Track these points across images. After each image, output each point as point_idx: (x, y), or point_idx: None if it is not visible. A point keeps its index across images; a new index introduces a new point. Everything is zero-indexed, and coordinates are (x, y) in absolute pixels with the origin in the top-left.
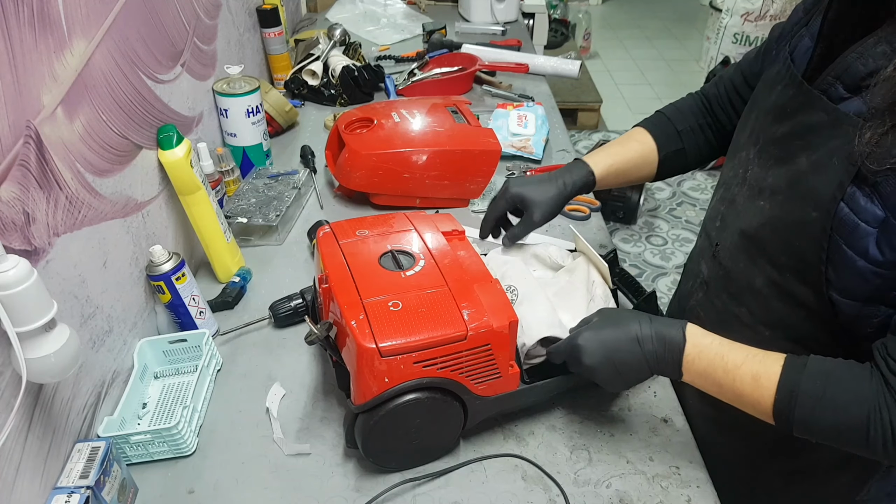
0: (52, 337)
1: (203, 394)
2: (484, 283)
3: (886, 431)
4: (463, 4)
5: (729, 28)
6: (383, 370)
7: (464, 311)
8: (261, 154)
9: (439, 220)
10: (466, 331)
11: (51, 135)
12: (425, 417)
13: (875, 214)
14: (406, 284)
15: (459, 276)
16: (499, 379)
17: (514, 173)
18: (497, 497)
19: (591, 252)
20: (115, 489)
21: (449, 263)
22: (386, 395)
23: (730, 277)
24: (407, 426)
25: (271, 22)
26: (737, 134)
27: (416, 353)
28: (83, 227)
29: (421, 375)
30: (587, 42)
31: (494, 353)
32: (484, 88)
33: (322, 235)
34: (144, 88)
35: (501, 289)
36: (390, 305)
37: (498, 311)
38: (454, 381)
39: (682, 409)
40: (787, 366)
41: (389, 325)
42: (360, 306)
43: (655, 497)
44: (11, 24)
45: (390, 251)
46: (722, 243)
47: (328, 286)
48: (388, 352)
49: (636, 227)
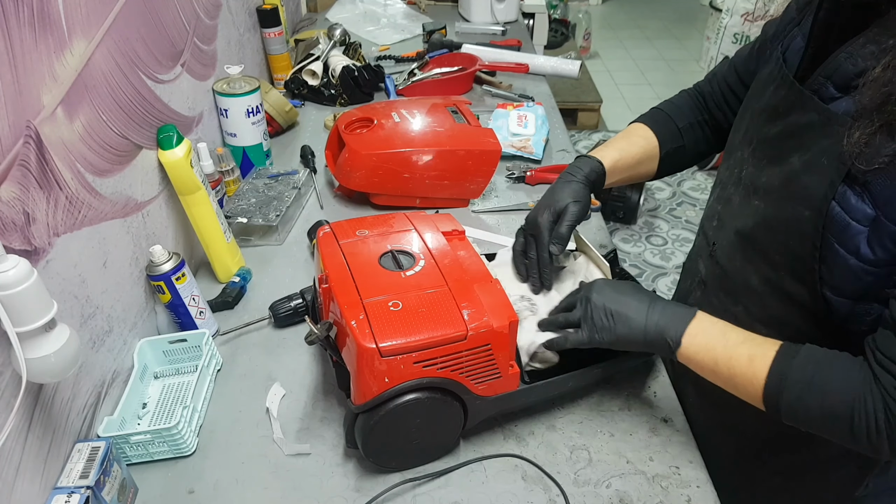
0: (52, 337)
1: (203, 394)
2: (484, 283)
3: (871, 421)
4: (463, 4)
5: (729, 28)
6: (383, 370)
7: (464, 311)
8: (261, 154)
9: (439, 220)
10: (467, 331)
11: (51, 135)
12: (425, 417)
13: (866, 213)
14: (406, 284)
15: (459, 276)
16: (499, 379)
17: (513, 173)
18: (497, 497)
19: (592, 251)
20: (115, 489)
21: (449, 263)
22: (386, 395)
23: (726, 276)
24: (407, 426)
25: (271, 22)
26: (732, 134)
27: (416, 353)
28: (83, 227)
29: (421, 375)
30: (587, 42)
31: (494, 353)
32: (484, 88)
33: (322, 235)
34: (144, 88)
35: (501, 289)
36: (390, 305)
37: (498, 311)
38: (454, 381)
39: (682, 408)
40: (781, 351)
41: (389, 325)
42: (361, 306)
43: (655, 497)
44: (11, 24)
45: (390, 251)
46: (718, 242)
47: (328, 286)
48: (388, 352)
49: (636, 227)
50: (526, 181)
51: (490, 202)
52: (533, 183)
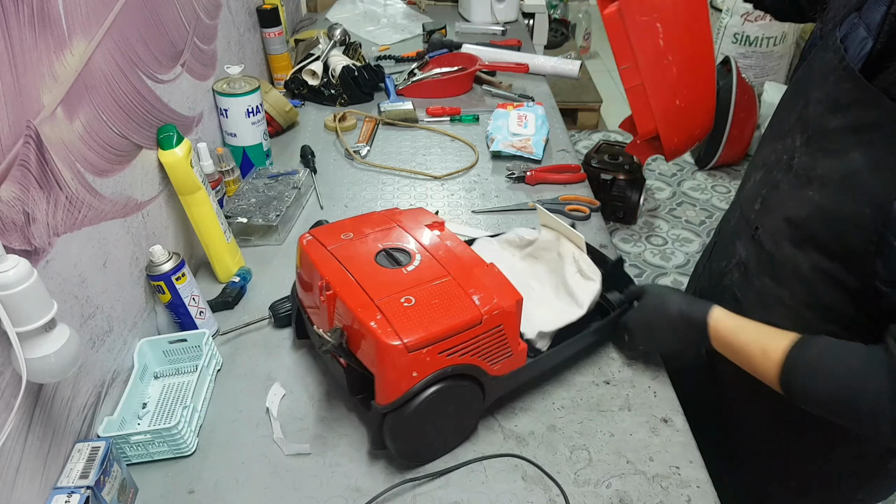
0: (52, 337)
1: (203, 394)
2: (482, 268)
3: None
4: (463, 4)
5: (729, 28)
6: (410, 365)
7: (474, 297)
8: (261, 154)
9: (416, 214)
10: (481, 315)
11: (51, 135)
12: (449, 405)
13: None
14: (410, 280)
15: (458, 265)
16: (510, 357)
17: (513, 173)
18: (497, 497)
19: (560, 225)
20: (115, 489)
21: (444, 254)
22: (414, 389)
23: (774, 261)
24: (434, 417)
25: (271, 22)
26: (779, 117)
27: (438, 343)
28: (83, 227)
29: (445, 365)
30: (587, 42)
31: (506, 332)
32: (484, 88)
33: (306, 244)
34: (144, 88)
35: (499, 271)
36: (403, 301)
37: (503, 292)
38: (473, 366)
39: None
40: (796, 340)
41: (408, 321)
42: (374, 307)
43: (655, 497)
44: (11, 24)
45: (384, 250)
46: (763, 227)
47: (332, 293)
48: (413, 346)
49: (636, 227)
50: (526, 181)
51: (490, 202)
52: (533, 183)
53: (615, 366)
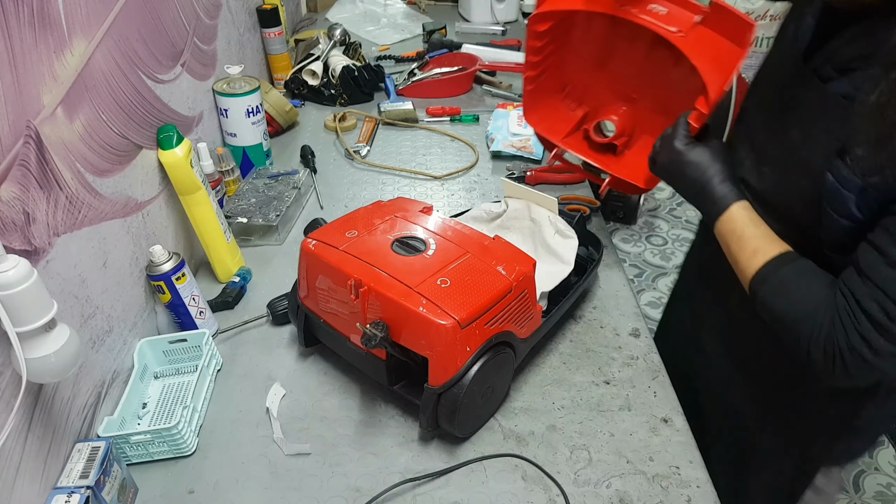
0: (52, 337)
1: (203, 394)
2: (491, 241)
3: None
4: (463, 4)
5: None
6: (464, 340)
7: (498, 268)
8: (261, 154)
9: (407, 204)
10: (511, 283)
11: (51, 135)
12: (493, 373)
13: (855, 183)
14: (435, 263)
15: (470, 242)
16: (531, 319)
17: (513, 173)
18: (497, 497)
19: (530, 193)
20: (115, 489)
21: (453, 235)
22: (467, 364)
23: None
24: (483, 387)
25: (271, 22)
26: (746, 100)
27: (483, 315)
28: (83, 227)
29: (490, 335)
30: None
31: (529, 295)
32: (484, 88)
33: (314, 247)
34: (144, 88)
35: (507, 241)
36: (440, 283)
37: (520, 260)
38: (508, 332)
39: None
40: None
41: (452, 300)
42: (415, 293)
43: (655, 497)
44: (11, 24)
45: (396, 240)
46: None
47: (366, 289)
48: (465, 320)
49: (636, 227)
50: (526, 181)
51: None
52: (533, 183)
53: (615, 366)
